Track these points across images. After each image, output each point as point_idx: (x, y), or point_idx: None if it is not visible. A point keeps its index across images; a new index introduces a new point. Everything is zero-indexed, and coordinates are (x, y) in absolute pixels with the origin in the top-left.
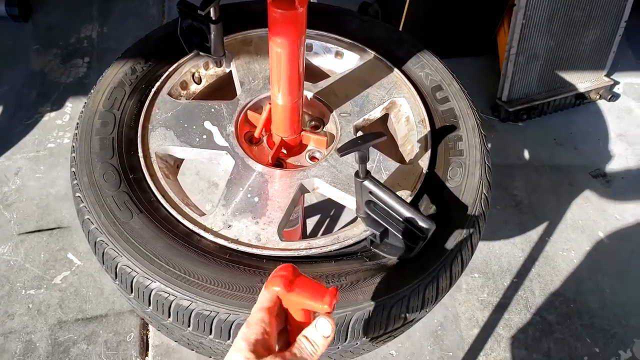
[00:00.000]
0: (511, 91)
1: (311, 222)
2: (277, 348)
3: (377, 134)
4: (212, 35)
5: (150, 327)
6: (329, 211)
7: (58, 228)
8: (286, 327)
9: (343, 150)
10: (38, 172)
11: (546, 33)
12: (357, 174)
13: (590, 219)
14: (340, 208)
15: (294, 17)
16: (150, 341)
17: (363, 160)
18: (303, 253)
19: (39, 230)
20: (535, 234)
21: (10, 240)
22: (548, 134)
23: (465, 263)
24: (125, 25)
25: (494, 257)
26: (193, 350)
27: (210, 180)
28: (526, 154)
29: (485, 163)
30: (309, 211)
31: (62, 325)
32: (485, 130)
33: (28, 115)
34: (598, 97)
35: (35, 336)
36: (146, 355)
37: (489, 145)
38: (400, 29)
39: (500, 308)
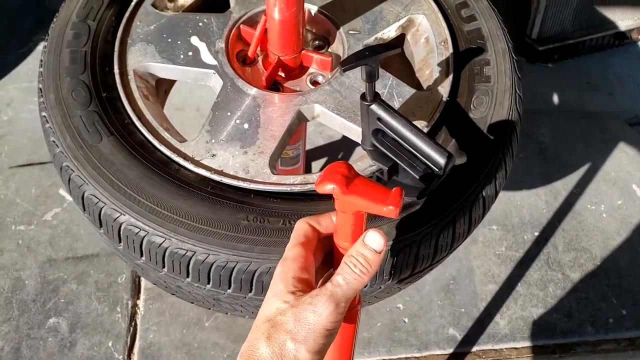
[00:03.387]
0: (542, 28)
1: (316, 166)
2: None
3: (389, 45)
4: None
5: None
6: (336, 154)
7: (50, 162)
8: (328, 261)
9: (347, 64)
10: (31, 103)
11: None
12: (363, 96)
13: (623, 171)
14: (349, 151)
15: None
16: (143, 284)
17: (371, 77)
18: (297, 189)
19: (30, 164)
20: (561, 185)
21: (1, 173)
22: (581, 77)
23: (488, 207)
24: None
25: (515, 209)
26: (174, 295)
27: None
28: (555, 99)
29: (515, 92)
30: (315, 154)
31: (52, 264)
32: None
33: (22, 44)
34: None
35: (25, 273)
36: (138, 298)
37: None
38: None
39: (519, 263)
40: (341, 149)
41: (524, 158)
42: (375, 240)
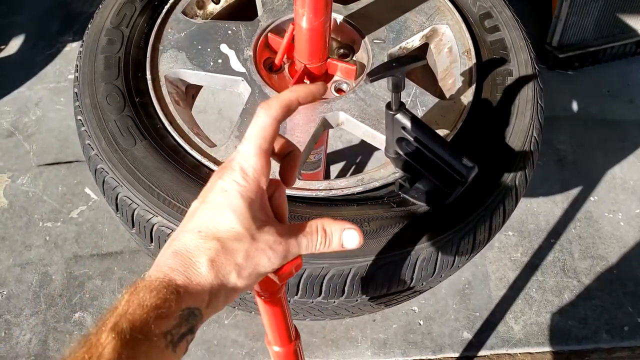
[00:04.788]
0: (563, 35)
1: (335, 169)
2: None
3: (415, 57)
4: None
5: None
6: (354, 158)
7: (76, 161)
8: None
9: (374, 75)
10: (58, 103)
11: None
12: (388, 105)
13: None
14: (367, 155)
15: None
16: None
17: (397, 88)
18: (322, 194)
19: (57, 163)
20: (578, 192)
21: (29, 171)
22: (601, 85)
23: (508, 215)
24: None
25: (531, 215)
26: None
27: (233, 120)
28: (574, 106)
29: (537, 102)
30: (334, 157)
31: (77, 260)
32: None
33: (50, 45)
34: None
35: (52, 269)
36: None
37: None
38: None
39: (535, 269)
40: (359, 153)
41: (542, 165)
42: (351, 238)
